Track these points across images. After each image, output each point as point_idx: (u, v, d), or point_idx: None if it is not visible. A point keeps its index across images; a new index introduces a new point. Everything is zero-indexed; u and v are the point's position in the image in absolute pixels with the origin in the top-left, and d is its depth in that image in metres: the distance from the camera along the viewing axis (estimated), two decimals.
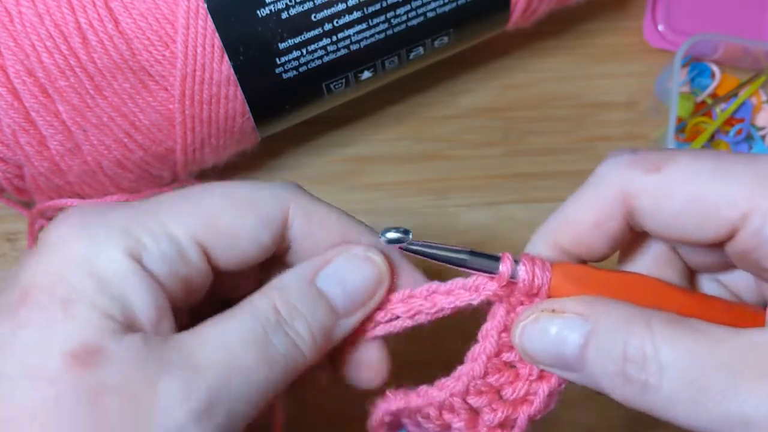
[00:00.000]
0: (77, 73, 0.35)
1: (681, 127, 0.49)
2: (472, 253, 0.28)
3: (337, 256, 0.29)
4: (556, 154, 0.50)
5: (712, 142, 0.50)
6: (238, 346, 0.26)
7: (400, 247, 0.28)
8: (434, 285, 0.29)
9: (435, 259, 0.28)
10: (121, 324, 0.24)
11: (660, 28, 0.51)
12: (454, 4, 0.40)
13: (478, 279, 0.28)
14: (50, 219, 0.47)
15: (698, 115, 0.50)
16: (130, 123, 0.37)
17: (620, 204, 0.27)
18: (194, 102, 0.37)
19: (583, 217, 0.28)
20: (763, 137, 0.50)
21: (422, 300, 0.29)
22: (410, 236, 0.28)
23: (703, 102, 0.50)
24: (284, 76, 0.38)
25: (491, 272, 0.28)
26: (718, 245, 0.26)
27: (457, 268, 0.28)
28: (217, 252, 0.27)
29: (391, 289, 0.30)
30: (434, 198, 0.49)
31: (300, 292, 0.28)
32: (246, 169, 0.49)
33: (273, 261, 0.30)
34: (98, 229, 0.26)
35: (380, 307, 0.30)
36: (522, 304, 0.28)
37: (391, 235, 0.28)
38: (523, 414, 0.28)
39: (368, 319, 0.30)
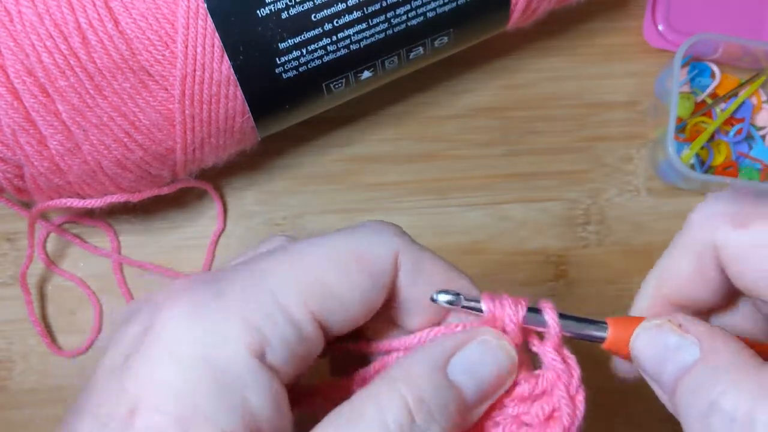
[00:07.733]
0: (77, 73, 0.35)
1: (681, 127, 0.49)
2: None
3: (468, 342, 0.26)
4: (556, 154, 0.50)
5: (712, 142, 0.50)
6: None
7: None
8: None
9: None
10: None
11: (660, 28, 0.51)
12: (454, 4, 0.40)
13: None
14: (50, 220, 0.47)
15: (698, 115, 0.50)
16: (130, 123, 0.37)
17: (713, 255, 0.26)
18: (194, 102, 0.37)
19: (680, 267, 0.27)
20: (763, 137, 0.50)
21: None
22: (461, 298, 0.27)
23: (703, 102, 0.50)
24: (284, 76, 0.38)
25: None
26: None
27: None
28: (330, 320, 0.26)
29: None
30: (434, 198, 0.49)
31: (435, 388, 0.25)
32: (246, 169, 0.49)
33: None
34: (216, 316, 0.23)
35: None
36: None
37: (442, 297, 0.27)
38: None
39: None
